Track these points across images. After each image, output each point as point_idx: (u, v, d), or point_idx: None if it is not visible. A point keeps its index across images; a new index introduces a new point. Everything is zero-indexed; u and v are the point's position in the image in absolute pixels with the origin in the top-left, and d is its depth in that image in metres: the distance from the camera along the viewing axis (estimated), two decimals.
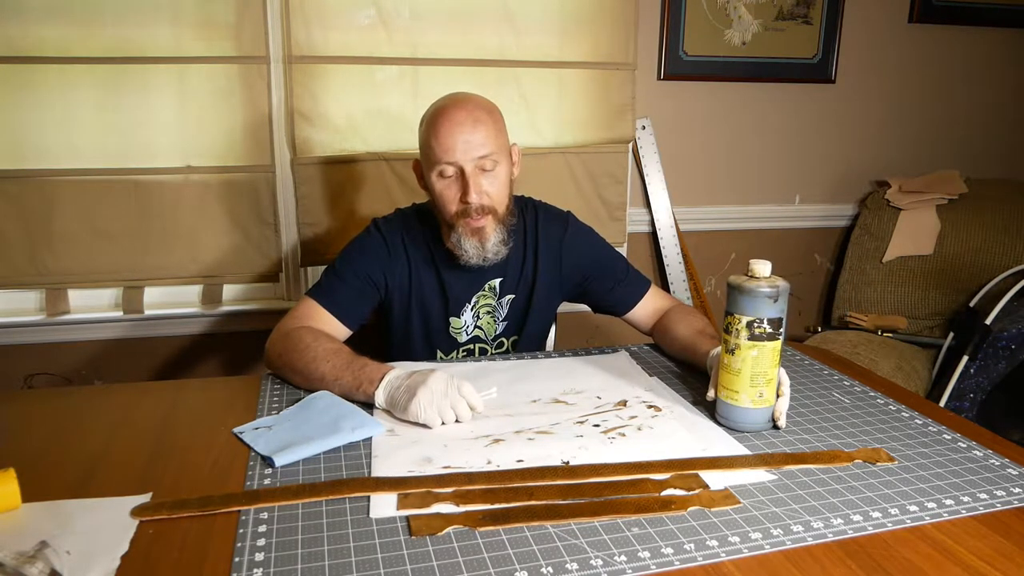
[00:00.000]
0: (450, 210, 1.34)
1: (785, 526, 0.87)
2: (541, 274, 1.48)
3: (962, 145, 2.73)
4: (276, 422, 1.12)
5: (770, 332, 1.06)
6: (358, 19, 2.05)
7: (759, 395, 1.09)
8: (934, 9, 2.56)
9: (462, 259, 1.37)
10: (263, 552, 0.81)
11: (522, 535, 0.84)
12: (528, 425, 1.12)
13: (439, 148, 1.31)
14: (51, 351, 2.08)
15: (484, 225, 1.34)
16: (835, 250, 2.72)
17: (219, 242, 2.07)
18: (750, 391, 1.08)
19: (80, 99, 1.92)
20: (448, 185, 1.33)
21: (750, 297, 1.06)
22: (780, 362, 1.10)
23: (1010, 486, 0.96)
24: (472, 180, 1.31)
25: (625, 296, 1.50)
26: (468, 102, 1.34)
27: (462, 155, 1.30)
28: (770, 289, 1.06)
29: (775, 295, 1.06)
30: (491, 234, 1.35)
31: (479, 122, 1.31)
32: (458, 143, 1.29)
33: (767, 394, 1.09)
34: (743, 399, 1.09)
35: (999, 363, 1.98)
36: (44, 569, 0.73)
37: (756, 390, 1.08)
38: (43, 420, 1.16)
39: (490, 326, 1.49)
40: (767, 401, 1.10)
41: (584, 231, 1.53)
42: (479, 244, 1.35)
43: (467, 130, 1.30)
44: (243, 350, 2.21)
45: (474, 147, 1.30)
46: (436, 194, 1.35)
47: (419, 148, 1.39)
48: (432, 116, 1.35)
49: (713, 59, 2.39)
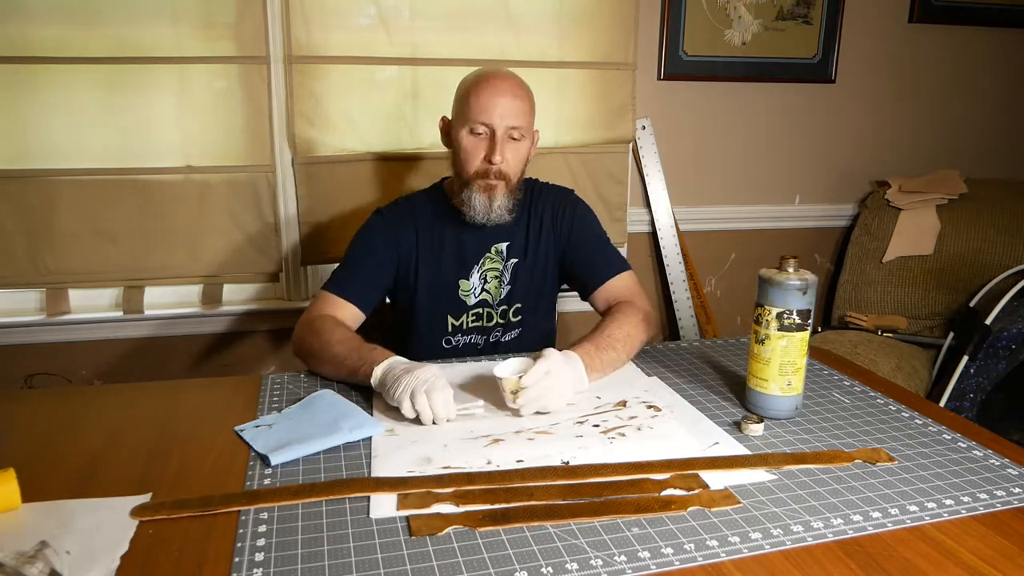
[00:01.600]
0: (471, 166, 1.43)
1: (785, 526, 0.87)
2: (543, 239, 1.55)
3: (962, 145, 2.73)
4: (277, 421, 1.12)
5: (799, 323, 1.11)
6: (358, 19, 2.05)
7: (787, 383, 1.13)
8: (934, 9, 2.56)
9: (468, 215, 1.45)
10: (263, 552, 0.81)
11: (522, 535, 0.84)
12: (528, 425, 1.12)
13: (477, 106, 1.40)
14: (51, 351, 2.08)
15: (497, 187, 1.43)
16: (835, 250, 2.72)
17: (219, 242, 2.07)
18: (779, 380, 1.13)
19: (81, 99, 1.92)
20: (476, 143, 1.42)
21: (780, 289, 1.11)
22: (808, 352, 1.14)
23: (1010, 486, 0.96)
24: (500, 143, 1.40)
25: (598, 270, 1.52)
26: (512, 77, 1.45)
27: (498, 119, 1.39)
28: (799, 282, 1.11)
29: (804, 287, 1.11)
30: (500, 196, 1.44)
31: (518, 97, 1.41)
32: (497, 106, 1.39)
33: (795, 383, 1.14)
34: (772, 387, 1.14)
35: (999, 363, 1.98)
36: (44, 569, 0.73)
37: (785, 379, 1.13)
38: (43, 420, 1.16)
39: (496, 290, 1.54)
40: (795, 389, 1.14)
41: (584, 205, 1.60)
42: (487, 202, 1.43)
43: (508, 99, 1.40)
44: (243, 350, 2.21)
45: (510, 115, 1.40)
46: (461, 149, 1.44)
47: (453, 105, 1.48)
48: (476, 78, 1.44)
49: (713, 59, 2.39)
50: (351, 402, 1.18)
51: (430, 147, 2.15)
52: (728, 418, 1.16)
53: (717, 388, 1.29)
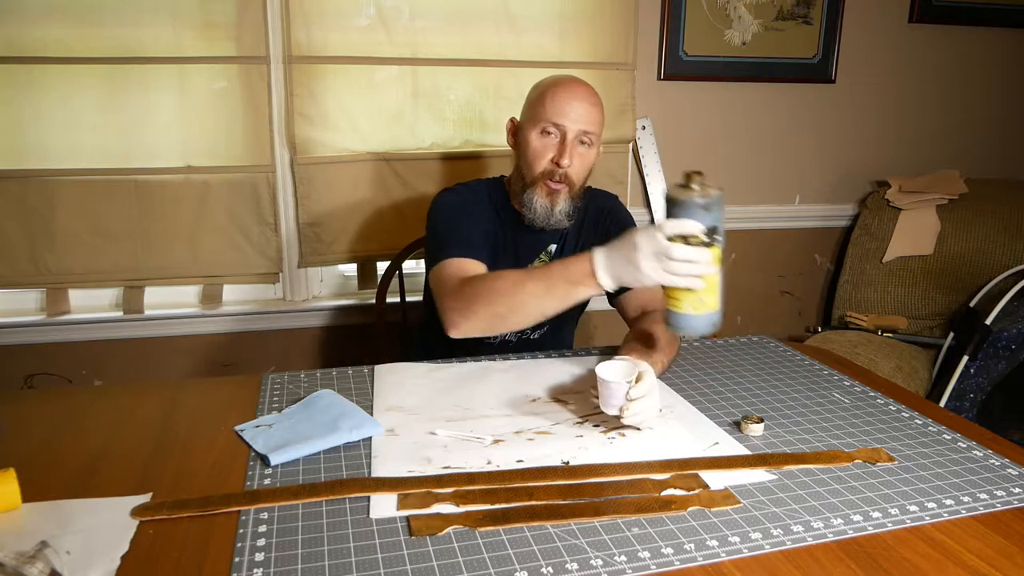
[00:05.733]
0: (538, 167, 1.42)
1: (785, 526, 0.87)
2: (586, 241, 1.54)
3: (962, 145, 2.73)
4: (277, 421, 1.12)
5: (704, 241, 1.06)
6: (358, 19, 2.05)
7: (699, 301, 1.07)
8: (934, 9, 2.55)
9: (527, 218, 1.45)
10: (263, 552, 0.81)
11: (522, 535, 0.84)
12: (528, 425, 1.13)
13: (552, 108, 1.40)
14: (51, 351, 2.08)
15: (560, 191, 1.43)
16: (835, 250, 2.72)
17: (219, 242, 2.07)
18: (690, 298, 1.07)
19: (81, 99, 1.92)
20: (546, 144, 1.41)
21: (682, 208, 1.06)
22: (722, 266, 1.08)
23: (1010, 486, 0.96)
24: (570, 147, 1.40)
25: None
26: (589, 86, 1.45)
27: (572, 122, 1.39)
28: (703, 200, 1.06)
29: (708, 204, 1.06)
30: (562, 201, 1.43)
31: (594, 105, 1.42)
32: (572, 110, 1.39)
33: (708, 300, 1.07)
34: (685, 306, 1.08)
35: (999, 363, 1.98)
36: (44, 569, 0.73)
37: (696, 296, 1.07)
38: (43, 420, 1.16)
39: None
40: (708, 307, 1.08)
41: (626, 212, 1.62)
42: (549, 206, 1.43)
43: (584, 105, 1.40)
44: (243, 350, 2.21)
45: (584, 121, 1.40)
46: (530, 149, 1.43)
47: (525, 107, 1.47)
48: (553, 82, 1.44)
49: (713, 59, 2.39)
50: (351, 402, 1.18)
51: (430, 147, 2.15)
52: (728, 418, 1.16)
53: (717, 388, 1.29)
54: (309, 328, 2.24)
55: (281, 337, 2.22)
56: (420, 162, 2.16)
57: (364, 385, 1.29)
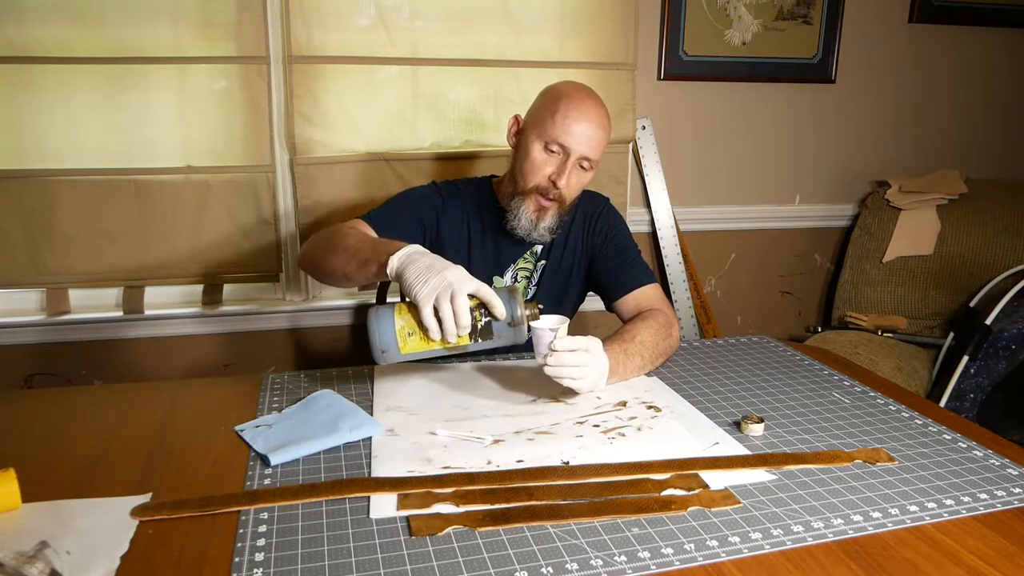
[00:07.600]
0: (533, 179, 1.41)
1: (785, 526, 0.87)
2: (575, 244, 1.55)
3: (962, 145, 2.73)
4: (277, 421, 1.12)
5: (480, 325, 1.09)
6: (358, 19, 2.05)
7: (421, 342, 1.09)
8: (934, 9, 2.55)
9: (510, 225, 1.44)
10: (263, 552, 0.81)
11: (522, 535, 0.84)
12: (528, 425, 1.13)
13: (561, 127, 1.37)
14: (51, 351, 2.08)
15: (549, 208, 1.42)
16: (835, 250, 2.72)
17: (219, 242, 2.07)
18: (419, 335, 1.09)
19: (80, 99, 1.92)
20: (546, 160, 1.40)
21: (505, 295, 1.10)
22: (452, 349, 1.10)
23: (1010, 486, 0.96)
24: (570, 169, 1.39)
25: (626, 278, 1.51)
26: (602, 105, 1.42)
27: (577, 144, 1.38)
28: (518, 300, 1.09)
29: (515, 304, 1.09)
30: (549, 218, 1.43)
31: (602, 128, 1.40)
32: (581, 133, 1.37)
33: (421, 346, 1.09)
34: (407, 334, 1.09)
35: (999, 363, 1.98)
36: (44, 569, 0.73)
37: (423, 340, 1.09)
38: (43, 420, 1.16)
39: (524, 289, 1.55)
40: (416, 348, 1.09)
41: (617, 215, 1.61)
42: (535, 220, 1.43)
43: (593, 128, 1.38)
44: (243, 350, 2.20)
45: (589, 145, 1.38)
46: (529, 160, 1.41)
47: (533, 110, 1.45)
48: (568, 96, 1.40)
49: (713, 59, 2.39)
50: (351, 402, 1.18)
51: (430, 147, 2.15)
52: (728, 418, 1.16)
53: (717, 388, 1.29)
54: (309, 328, 2.24)
55: (281, 337, 2.22)
56: (420, 162, 2.16)
57: (364, 385, 1.29)
